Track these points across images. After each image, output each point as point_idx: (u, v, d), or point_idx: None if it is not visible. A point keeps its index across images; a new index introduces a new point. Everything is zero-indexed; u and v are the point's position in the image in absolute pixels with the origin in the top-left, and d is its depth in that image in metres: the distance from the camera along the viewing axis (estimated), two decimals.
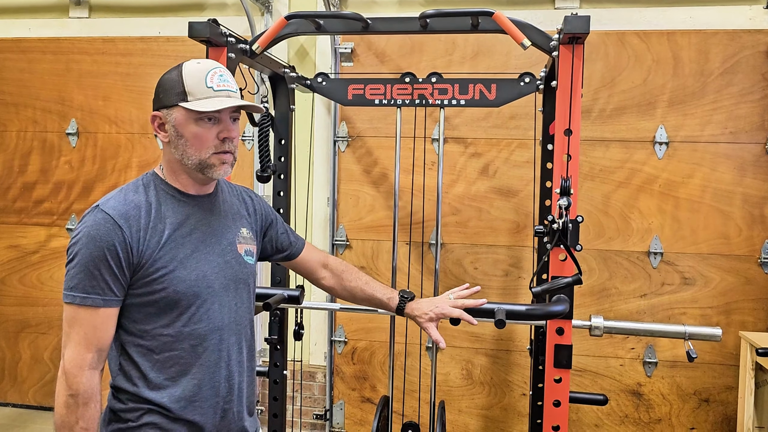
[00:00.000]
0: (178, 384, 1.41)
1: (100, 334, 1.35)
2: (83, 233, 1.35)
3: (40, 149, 3.78)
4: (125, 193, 1.42)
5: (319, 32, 2.14)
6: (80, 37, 3.72)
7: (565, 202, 1.72)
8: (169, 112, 1.40)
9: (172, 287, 1.38)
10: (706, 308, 3.21)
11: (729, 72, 3.16)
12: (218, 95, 1.39)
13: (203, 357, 1.43)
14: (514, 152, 3.34)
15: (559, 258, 1.86)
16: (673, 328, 2.05)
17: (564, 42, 1.83)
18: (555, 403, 1.89)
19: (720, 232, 3.20)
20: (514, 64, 3.30)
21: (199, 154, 1.40)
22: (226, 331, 1.48)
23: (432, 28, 2.07)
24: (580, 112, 1.85)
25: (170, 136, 1.42)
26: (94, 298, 1.33)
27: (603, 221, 3.28)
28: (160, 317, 1.40)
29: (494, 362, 3.42)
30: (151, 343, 1.40)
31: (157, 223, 1.40)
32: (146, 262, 1.36)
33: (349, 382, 3.56)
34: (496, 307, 1.71)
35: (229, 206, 1.59)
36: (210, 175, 1.43)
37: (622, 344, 3.29)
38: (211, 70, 1.41)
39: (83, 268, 1.33)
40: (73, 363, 1.33)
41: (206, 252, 1.46)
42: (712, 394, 3.23)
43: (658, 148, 3.23)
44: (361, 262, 3.50)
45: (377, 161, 3.46)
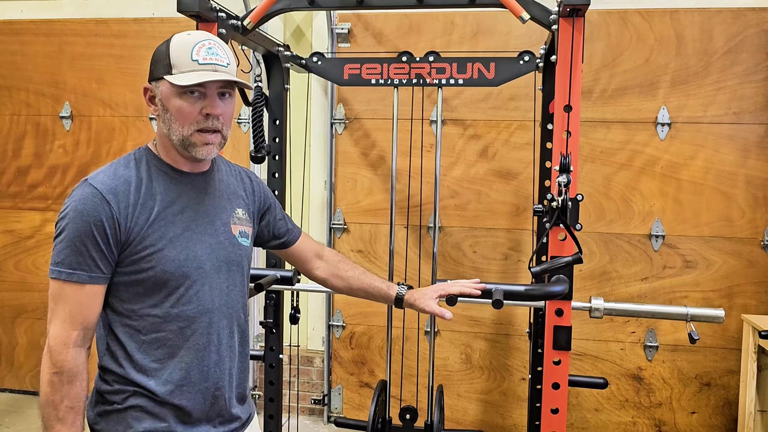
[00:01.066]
0: (165, 367, 1.37)
1: (86, 312, 1.31)
2: (71, 207, 1.30)
3: (34, 133, 3.74)
4: (115, 168, 1.37)
5: (313, 7, 2.08)
6: (73, 18, 3.66)
7: (565, 179, 1.67)
8: (157, 85, 1.36)
9: (161, 266, 1.34)
10: (708, 291, 3.17)
11: (733, 51, 3.10)
12: (203, 68, 1.33)
13: (191, 340, 1.39)
14: (514, 134, 3.29)
15: (559, 237, 1.82)
16: (675, 310, 2.01)
17: (564, 14, 1.77)
18: (554, 385, 1.85)
19: (722, 215, 3.15)
20: (515, 44, 3.24)
21: (182, 130, 1.35)
22: (216, 314, 1.43)
23: (428, 2, 2.02)
24: (580, 88, 1.79)
25: (159, 110, 1.38)
26: (80, 275, 1.29)
27: (604, 204, 3.23)
28: (147, 297, 1.35)
29: (493, 346, 3.38)
30: (138, 324, 1.35)
31: (147, 200, 1.35)
32: (134, 239, 1.32)
33: (347, 366, 3.53)
34: (494, 287, 1.67)
35: (226, 185, 1.53)
36: (193, 154, 1.37)
37: (622, 328, 3.26)
38: (200, 42, 1.35)
39: (70, 243, 1.29)
40: (58, 340, 1.29)
41: (198, 231, 1.41)
42: (714, 378, 3.20)
43: (660, 129, 3.17)
44: (359, 246, 3.46)
45: (375, 144, 3.42)
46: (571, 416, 3.33)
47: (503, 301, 1.60)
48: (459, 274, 3.36)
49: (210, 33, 1.41)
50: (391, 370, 2.78)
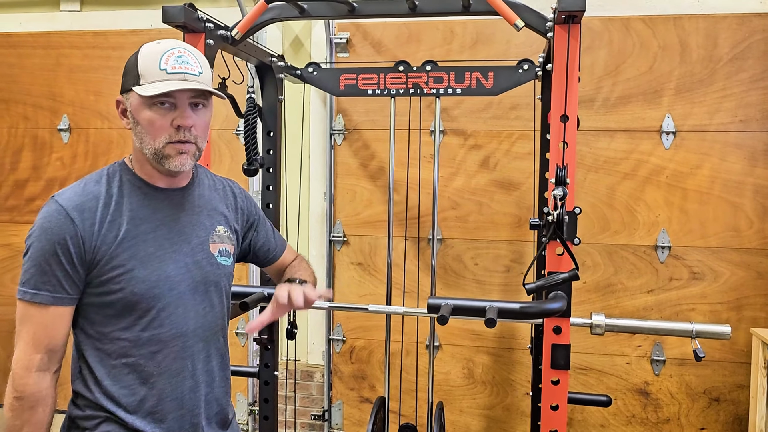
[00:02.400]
0: (136, 393, 1.31)
1: (51, 333, 1.26)
2: (37, 225, 1.27)
3: (32, 146, 3.71)
4: (85, 183, 1.33)
5: (303, 17, 2.04)
6: (71, 31, 3.65)
7: (561, 192, 1.61)
8: (127, 97, 1.32)
9: (130, 288, 1.28)
10: (715, 304, 3.09)
11: (739, 58, 3.03)
12: (171, 78, 1.27)
13: (164, 365, 1.33)
14: (516, 144, 3.23)
15: (556, 252, 1.76)
16: (680, 326, 1.94)
17: (559, 21, 1.72)
18: (553, 407, 1.78)
19: (730, 225, 3.07)
20: (515, 53, 3.17)
21: (154, 142, 1.29)
22: (191, 337, 1.37)
23: (421, 11, 1.97)
24: (576, 97, 1.74)
25: (130, 123, 1.33)
26: (44, 295, 1.25)
27: (608, 214, 3.16)
28: (118, 320, 1.30)
29: (496, 361, 3.31)
30: (109, 347, 1.30)
31: (116, 217, 1.29)
32: (101, 258, 1.27)
33: (347, 381, 3.46)
34: (488, 305, 1.60)
35: (206, 201, 1.46)
36: (167, 167, 1.31)
37: (628, 342, 3.18)
38: (168, 50, 1.30)
39: (35, 262, 1.25)
40: (20, 364, 1.25)
41: (172, 251, 1.35)
42: (723, 393, 3.11)
43: (665, 138, 3.10)
44: (359, 259, 3.40)
45: (374, 155, 3.36)
46: None
47: (496, 320, 1.54)
48: (460, 286, 3.29)
49: (180, 41, 1.35)
50: (390, 385, 2.72)
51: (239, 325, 3.53)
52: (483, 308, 1.60)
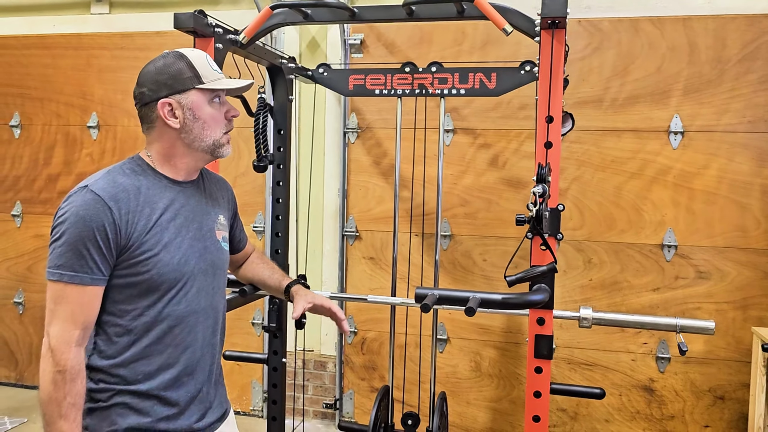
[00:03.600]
0: (152, 363, 1.44)
1: (87, 311, 1.38)
2: (71, 212, 1.36)
3: (64, 142, 3.91)
4: (113, 176, 1.44)
5: (307, 21, 2.15)
6: (100, 32, 3.83)
7: (540, 189, 1.69)
8: (184, 97, 1.45)
9: (156, 270, 1.42)
10: (721, 303, 3.11)
11: (748, 59, 3.05)
12: (222, 77, 1.50)
13: (179, 338, 1.47)
14: (524, 143, 3.30)
15: (540, 247, 1.84)
16: (665, 321, 2.00)
17: (544, 26, 1.79)
18: (536, 393, 1.86)
19: (737, 225, 3.09)
20: (525, 54, 3.23)
21: (214, 134, 1.48)
22: (202, 314, 1.52)
23: (418, 16, 2.06)
24: (561, 99, 1.81)
25: (184, 121, 1.45)
26: (82, 277, 1.35)
27: (614, 213, 3.21)
28: (141, 298, 1.43)
29: (503, 354, 3.39)
30: (130, 323, 1.43)
31: (144, 207, 1.43)
32: (133, 244, 1.40)
33: (358, 372, 3.58)
34: (471, 295, 1.69)
35: (209, 193, 1.63)
36: (220, 155, 1.51)
37: (633, 339, 3.22)
38: (206, 55, 1.51)
39: (71, 247, 1.35)
40: (61, 339, 1.35)
41: (188, 237, 1.50)
42: (728, 392, 3.13)
43: (672, 138, 3.14)
44: (371, 254, 3.51)
45: (386, 153, 3.47)
46: (581, 426, 3.31)
47: (476, 309, 1.63)
48: (468, 282, 3.38)
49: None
50: (396, 375, 2.82)
51: (255, 315, 3.67)
52: (466, 298, 1.69)
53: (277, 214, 2.64)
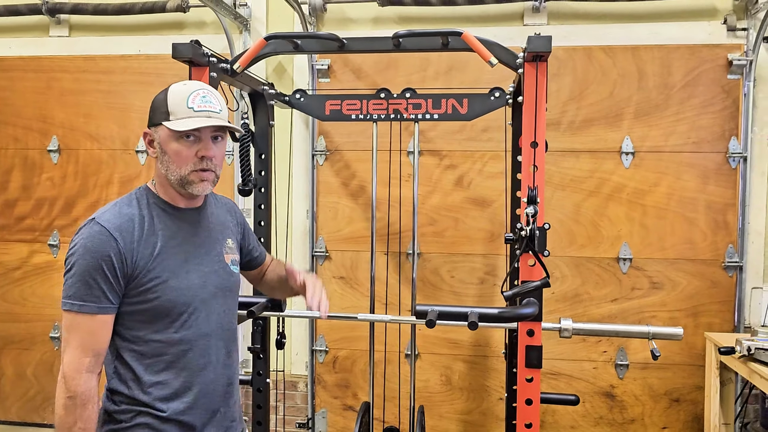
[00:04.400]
0: (168, 386, 1.49)
1: (96, 339, 1.43)
2: (80, 245, 1.43)
3: (22, 166, 3.82)
4: (119, 207, 1.50)
5: (297, 51, 2.23)
6: (61, 55, 3.78)
7: (532, 210, 1.82)
8: (156, 130, 1.51)
9: (165, 296, 1.47)
10: (674, 311, 3.34)
11: (691, 84, 3.31)
12: (198, 115, 1.47)
13: (192, 361, 1.52)
14: (488, 164, 3.45)
15: (528, 263, 1.96)
16: (638, 329, 2.16)
17: (528, 60, 1.94)
18: (527, 401, 1.98)
19: (686, 238, 3.33)
20: (487, 79, 3.40)
21: (180, 170, 1.49)
22: (213, 337, 1.57)
23: (404, 47, 2.17)
24: (545, 126, 1.95)
25: (157, 153, 1.51)
26: (90, 306, 1.41)
27: (574, 229, 3.40)
28: (152, 324, 1.48)
29: (472, 368, 3.51)
30: (144, 348, 1.48)
31: (149, 235, 1.48)
32: (140, 272, 1.44)
33: (331, 390, 3.62)
34: (470, 310, 1.80)
35: (216, 218, 1.68)
36: (190, 191, 1.51)
37: (595, 348, 3.40)
38: (195, 91, 1.50)
39: (80, 277, 1.40)
40: (72, 366, 1.40)
41: (196, 263, 1.55)
42: (683, 394, 3.35)
43: (625, 158, 3.36)
44: (341, 273, 3.58)
45: (355, 174, 3.56)
46: None
47: (478, 323, 1.73)
48: (437, 298, 3.49)
49: (203, 82, 1.56)
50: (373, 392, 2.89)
51: None
52: (465, 314, 1.80)
53: (260, 236, 2.68)
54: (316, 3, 3.41)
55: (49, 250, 3.82)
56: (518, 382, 2.00)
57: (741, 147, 3.26)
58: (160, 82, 3.66)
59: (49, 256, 3.82)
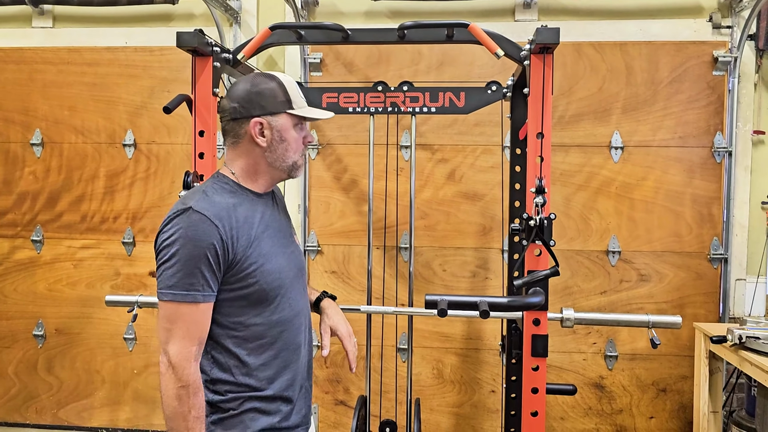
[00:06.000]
0: (271, 366, 1.55)
1: (201, 327, 1.46)
2: (180, 234, 1.43)
3: (3, 160, 3.73)
4: (210, 195, 1.52)
5: (301, 42, 2.22)
6: (44, 47, 3.70)
7: (541, 200, 1.84)
8: (275, 119, 1.56)
9: (263, 280, 1.52)
10: (661, 303, 3.41)
11: (677, 81, 3.38)
12: (305, 105, 1.62)
13: (288, 341, 1.59)
14: (479, 158, 3.48)
15: (535, 253, 1.99)
16: (638, 318, 2.20)
17: (535, 51, 1.96)
18: (533, 390, 2.00)
19: (672, 231, 3.40)
20: (477, 74, 3.45)
21: (294, 156, 1.60)
22: (301, 315, 1.66)
23: (409, 39, 2.18)
24: (551, 117, 1.98)
25: (271, 140, 1.56)
26: (194, 295, 1.43)
27: (564, 222, 3.44)
28: (252, 308, 1.53)
29: (464, 361, 3.53)
30: (245, 333, 1.52)
31: (243, 223, 1.52)
32: (240, 259, 1.48)
33: (322, 385, 3.61)
34: (479, 299, 1.81)
35: (280, 202, 1.77)
36: (296, 175, 1.64)
37: (584, 339, 3.46)
38: (296, 82, 1.63)
39: (183, 266, 1.42)
40: (181, 356, 1.42)
41: (280, 245, 1.62)
42: (669, 384, 3.42)
43: (613, 153, 3.41)
44: (333, 267, 3.57)
45: (347, 168, 3.55)
46: None
47: (489, 312, 1.75)
48: (430, 291, 3.50)
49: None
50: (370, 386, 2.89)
51: None
52: (475, 303, 1.81)
53: None
54: None
55: (32, 246, 3.74)
56: (524, 372, 2.02)
57: (726, 142, 3.34)
58: (147, 74, 3.63)
59: (32, 252, 3.74)
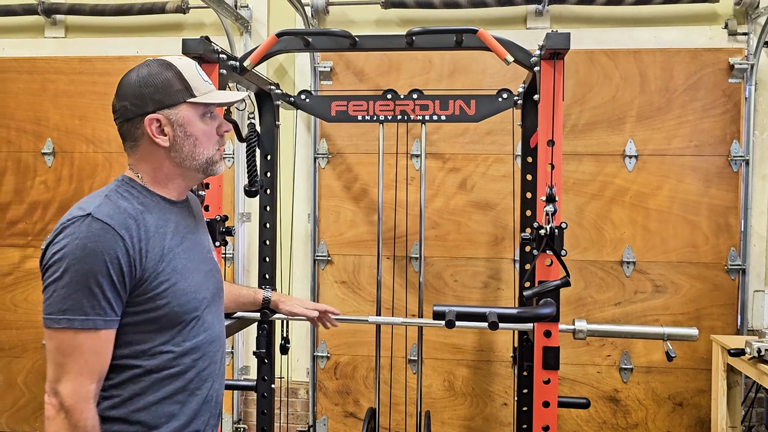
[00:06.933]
0: (175, 401, 1.32)
1: (102, 360, 1.22)
2: (75, 246, 1.18)
3: (15, 169, 3.74)
4: (114, 200, 1.28)
5: (308, 49, 2.20)
6: (56, 56, 3.72)
7: (552, 208, 1.80)
8: (173, 112, 1.31)
9: (176, 300, 1.29)
10: (677, 314, 3.33)
11: (692, 88, 3.32)
12: (212, 88, 1.37)
13: (202, 370, 1.37)
14: (491, 167, 3.44)
15: (545, 263, 1.94)
16: (653, 330, 2.14)
17: (546, 57, 1.92)
18: (544, 404, 1.95)
19: (688, 241, 3.33)
20: (489, 82, 3.41)
21: (207, 151, 1.35)
22: (218, 342, 1.43)
23: (417, 45, 2.15)
24: (561, 124, 1.94)
25: (174, 138, 1.32)
26: (95, 320, 1.19)
27: (577, 232, 3.38)
28: (160, 334, 1.29)
29: (475, 373, 3.47)
30: (149, 363, 1.29)
31: (154, 233, 1.29)
32: (149, 276, 1.25)
33: (332, 397, 3.57)
34: (488, 310, 1.77)
35: (197, 212, 1.52)
36: (213, 172, 1.38)
37: (598, 352, 3.39)
38: (196, 63, 1.38)
39: (80, 286, 1.17)
40: (78, 397, 1.18)
41: (197, 261, 1.39)
42: (686, 398, 3.34)
43: (628, 161, 3.36)
44: (343, 278, 3.54)
45: (357, 177, 3.52)
46: None
47: (498, 323, 1.70)
48: (441, 302, 3.45)
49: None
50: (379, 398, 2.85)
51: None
52: (484, 314, 1.77)
53: (265, 239, 2.64)
54: (319, 5, 3.38)
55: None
56: (535, 385, 1.97)
57: (743, 150, 3.27)
58: None
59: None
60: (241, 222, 3.59)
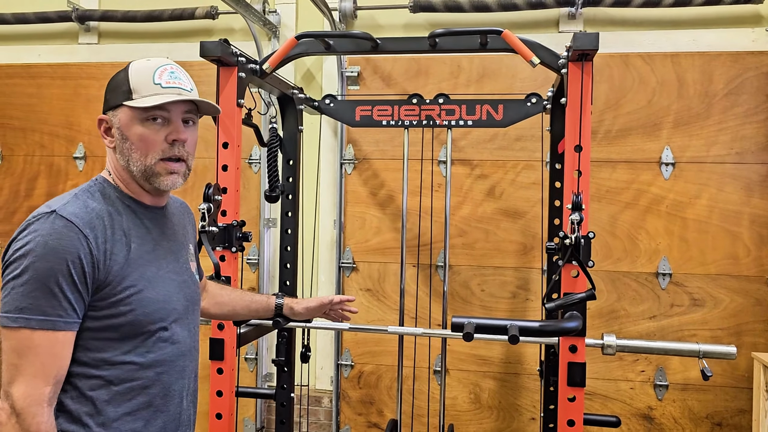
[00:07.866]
0: (138, 417, 1.27)
1: (60, 363, 1.17)
2: (37, 243, 1.14)
3: (47, 173, 3.80)
4: (83, 199, 1.24)
5: (329, 52, 2.16)
6: (89, 62, 3.77)
7: (578, 217, 1.72)
8: (114, 114, 1.28)
9: (141, 309, 1.24)
10: (716, 330, 3.18)
11: (733, 93, 3.18)
12: (166, 92, 1.26)
13: (168, 386, 1.32)
14: (521, 174, 3.35)
15: (571, 274, 1.85)
16: (688, 347, 2.03)
17: (573, 59, 1.84)
18: (569, 422, 1.86)
19: (728, 253, 3.18)
20: (519, 87, 3.32)
21: (145, 159, 1.27)
22: (188, 357, 1.37)
23: (441, 48, 2.09)
24: (590, 129, 1.85)
25: (116, 141, 1.28)
26: (54, 321, 1.14)
27: (610, 242, 3.27)
28: (123, 343, 1.24)
29: (502, 386, 3.37)
30: (110, 373, 1.23)
31: (121, 236, 1.24)
32: (113, 279, 1.21)
33: (355, 406, 3.51)
34: (509, 323, 1.69)
35: (178, 220, 1.47)
36: (156, 185, 1.29)
37: (632, 367, 3.25)
38: (161, 66, 1.30)
39: (39, 284, 1.13)
40: (31, 399, 1.12)
41: (167, 270, 1.34)
42: (725, 418, 3.18)
43: (664, 169, 3.23)
44: (368, 285, 3.48)
45: (383, 183, 3.47)
46: None
47: (519, 337, 1.62)
48: (467, 312, 3.37)
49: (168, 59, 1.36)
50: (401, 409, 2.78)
51: (248, 350, 3.59)
52: (504, 326, 1.69)
53: (287, 245, 2.61)
54: (347, 9, 3.35)
55: None
56: (559, 402, 1.88)
57: None
58: None
59: None
60: (267, 228, 3.57)
